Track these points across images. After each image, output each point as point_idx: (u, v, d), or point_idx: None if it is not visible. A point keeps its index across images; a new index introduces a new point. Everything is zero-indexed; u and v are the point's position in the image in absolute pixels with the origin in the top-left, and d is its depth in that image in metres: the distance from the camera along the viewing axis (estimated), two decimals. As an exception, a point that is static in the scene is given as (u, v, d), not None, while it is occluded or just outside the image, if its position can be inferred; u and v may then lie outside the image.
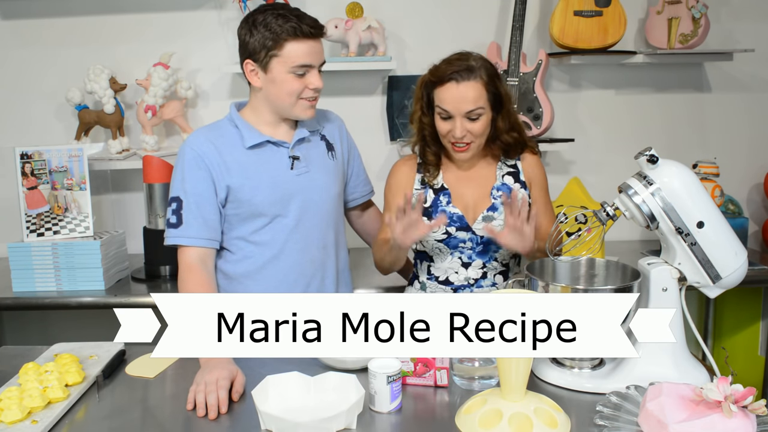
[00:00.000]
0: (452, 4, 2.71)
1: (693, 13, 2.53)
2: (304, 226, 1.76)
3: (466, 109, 1.67)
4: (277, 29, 1.62)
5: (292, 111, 1.71)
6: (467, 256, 1.80)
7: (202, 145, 1.71)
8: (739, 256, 1.44)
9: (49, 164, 2.33)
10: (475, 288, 1.82)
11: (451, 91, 1.68)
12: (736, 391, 1.17)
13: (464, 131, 1.69)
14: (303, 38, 1.64)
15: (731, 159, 2.77)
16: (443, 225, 1.75)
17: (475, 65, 1.69)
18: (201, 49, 2.70)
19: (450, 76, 1.68)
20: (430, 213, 1.80)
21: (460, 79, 1.67)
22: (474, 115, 1.68)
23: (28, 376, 1.43)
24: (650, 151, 1.41)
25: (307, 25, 1.64)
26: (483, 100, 1.69)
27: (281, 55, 1.64)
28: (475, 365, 1.47)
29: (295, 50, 1.64)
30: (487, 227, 1.69)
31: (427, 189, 1.82)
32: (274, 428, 1.26)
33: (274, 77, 1.67)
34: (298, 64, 1.65)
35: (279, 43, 1.63)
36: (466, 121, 1.69)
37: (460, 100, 1.67)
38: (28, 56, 2.69)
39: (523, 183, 1.82)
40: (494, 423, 1.24)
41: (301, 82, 1.67)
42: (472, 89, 1.67)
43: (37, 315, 2.82)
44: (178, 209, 1.69)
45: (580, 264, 1.60)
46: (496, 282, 1.82)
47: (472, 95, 1.67)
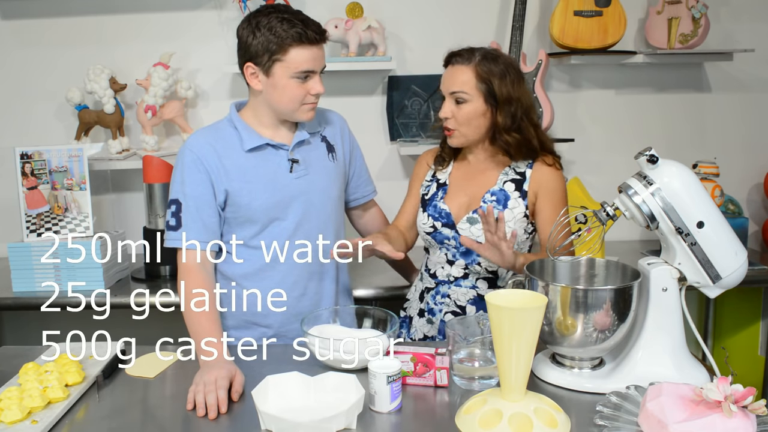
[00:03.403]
0: (452, 4, 2.71)
1: (693, 13, 2.53)
2: (303, 229, 1.76)
3: (450, 89, 1.73)
4: (282, 34, 1.61)
5: (292, 115, 1.71)
6: (452, 254, 1.82)
7: (202, 147, 1.70)
8: (739, 256, 1.44)
9: (49, 164, 2.33)
10: (453, 286, 1.82)
11: (446, 73, 1.77)
12: (736, 391, 1.17)
13: (448, 113, 1.74)
14: (308, 44, 1.63)
15: (731, 159, 2.77)
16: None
17: (476, 55, 1.73)
18: (201, 49, 2.70)
19: (449, 59, 1.77)
20: (426, 204, 1.85)
21: (455, 62, 1.75)
22: (458, 97, 1.72)
23: (28, 376, 1.43)
24: (650, 151, 1.41)
25: (312, 31, 1.63)
26: (470, 87, 1.71)
27: (285, 61, 1.63)
28: (475, 365, 1.47)
29: (299, 56, 1.63)
30: (464, 239, 1.65)
31: (434, 182, 1.87)
32: (274, 428, 1.26)
33: (276, 82, 1.66)
34: (301, 70, 1.64)
35: (283, 48, 1.62)
36: (453, 103, 1.73)
37: (448, 80, 1.75)
38: (28, 56, 2.68)
39: (524, 192, 1.77)
40: (494, 423, 1.24)
41: (303, 88, 1.66)
42: (461, 72, 1.72)
43: (37, 315, 2.81)
44: (177, 212, 1.69)
45: (580, 264, 1.60)
46: (477, 285, 1.81)
47: (460, 78, 1.72)
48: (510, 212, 1.76)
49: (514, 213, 1.76)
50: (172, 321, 1.74)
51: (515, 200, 1.77)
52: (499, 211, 1.75)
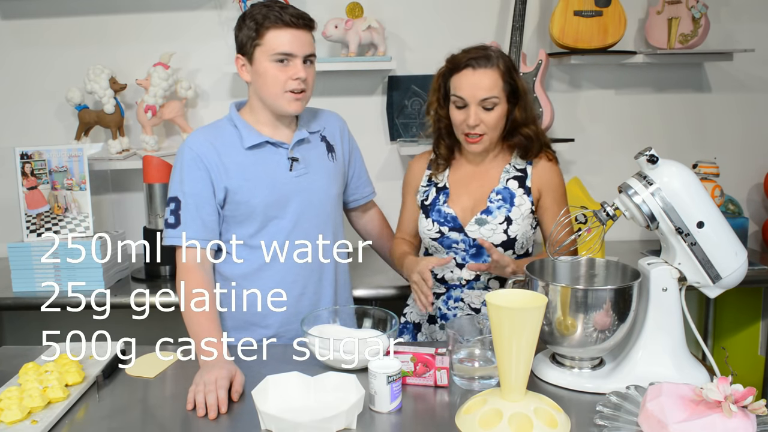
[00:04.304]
0: (452, 4, 2.71)
1: (693, 13, 2.53)
2: (302, 228, 1.76)
3: (480, 96, 1.67)
4: (260, 18, 1.64)
5: (276, 103, 1.70)
6: (461, 258, 1.80)
7: (201, 145, 1.70)
8: (739, 256, 1.44)
9: (49, 164, 2.33)
10: (466, 289, 1.81)
11: (467, 78, 1.69)
12: (736, 391, 1.17)
13: (478, 120, 1.69)
14: (283, 26, 1.63)
15: (731, 159, 2.77)
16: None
17: (493, 55, 1.70)
18: (201, 49, 2.70)
19: (467, 63, 1.69)
20: (428, 210, 1.81)
21: (477, 66, 1.68)
22: (489, 104, 1.68)
23: (28, 376, 1.43)
24: (650, 151, 1.41)
25: (288, 15, 1.64)
26: (498, 90, 1.69)
27: (263, 44, 1.65)
28: (475, 365, 1.47)
29: (275, 38, 1.64)
30: (482, 240, 1.69)
31: (432, 187, 1.84)
32: (274, 428, 1.26)
33: (258, 68, 1.67)
34: (278, 52, 1.64)
35: (260, 32, 1.64)
36: (481, 110, 1.68)
37: (475, 87, 1.68)
38: (28, 56, 2.68)
39: (528, 189, 1.78)
40: (494, 423, 1.24)
41: (283, 72, 1.65)
42: (488, 77, 1.68)
43: (37, 315, 2.81)
44: (176, 209, 1.69)
45: (580, 264, 1.60)
46: (489, 286, 1.81)
47: (487, 82, 1.67)
48: (517, 209, 1.76)
49: (522, 210, 1.76)
50: (172, 321, 1.74)
51: (521, 197, 1.77)
52: (507, 210, 1.76)
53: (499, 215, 1.75)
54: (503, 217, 1.75)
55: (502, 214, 1.75)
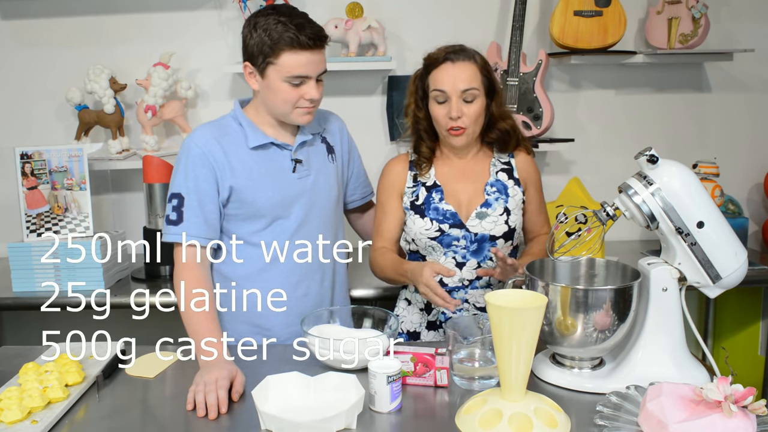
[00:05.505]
0: (452, 4, 2.71)
1: (693, 13, 2.53)
2: (304, 229, 1.76)
3: (461, 87, 1.70)
4: (276, 36, 1.59)
5: (287, 117, 1.69)
6: (461, 256, 1.79)
7: (208, 142, 1.68)
8: (739, 256, 1.43)
9: (49, 164, 2.33)
10: (469, 289, 1.81)
11: (447, 71, 1.72)
12: (736, 391, 1.17)
13: (460, 112, 1.71)
14: (299, 49, 1.60)
15: (731, 159, 2.77)
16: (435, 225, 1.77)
17: (469, 50, 1.75)
18: (201, 49, 2.70)
19: (446, 57, 1.73)
20: (422, 210, 1.80)
21: (456, 59, 1.73)
22: (469, 95, 1.71)
23: (28, 376, 1.43)
24: (650, 151, 1.41)
25: (305, 36, 1.59)
26: (477, 82, 1.72)
27: (277, 64, 1.61)
28: (475, 365, 1.47)
29: (291, 61, 1.60)
30: (495, 250, 1.67)
31: (419, 186, 1.82)
32: (274, 428, 1.26)
33: (269, 84, 1.64)
34: (293, 75, 1.61)
35: (275, 51, 1.60)
36: (462, 102, 1.71)
37: (456, 79, 1.71)
38: (28, 56, 2.68)
39: (517, 180, 1.82)
40: (494, 423, 1.24)
41: (296, 92, 1.64)
42: (467, 69, 1.72)
43: (37, 315, 2.81)
44: (179, 206, 1.67)
45: (580, 264, 1.60)
46: (491, 284, 1.81)
47: (467, 74, 1.71)
48: (513, 200, 1.80)
49: (516, 200, 1.80)
50: (172, 321, 1.74)
51: (513, 188, 1.81)
52: (504, 201, 1.79)
53: (498, 207, 1.77)
54: (502, 209, 1.77)
55: (500, 205, 1.77)
